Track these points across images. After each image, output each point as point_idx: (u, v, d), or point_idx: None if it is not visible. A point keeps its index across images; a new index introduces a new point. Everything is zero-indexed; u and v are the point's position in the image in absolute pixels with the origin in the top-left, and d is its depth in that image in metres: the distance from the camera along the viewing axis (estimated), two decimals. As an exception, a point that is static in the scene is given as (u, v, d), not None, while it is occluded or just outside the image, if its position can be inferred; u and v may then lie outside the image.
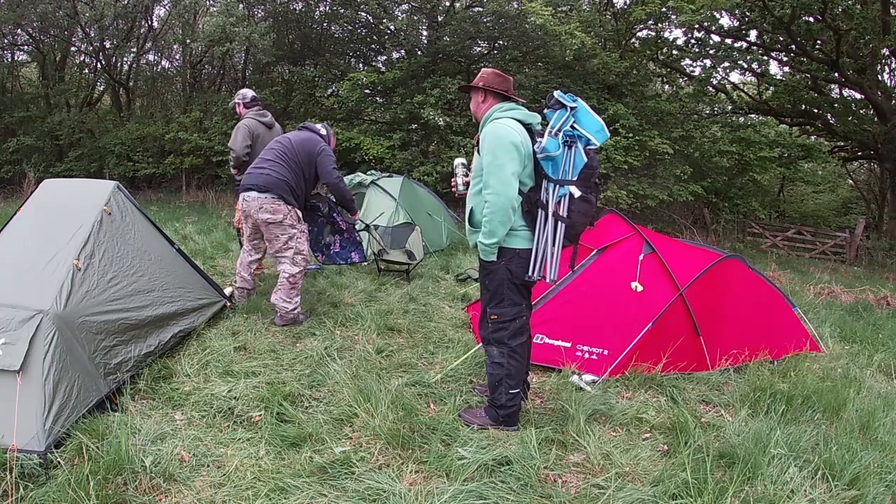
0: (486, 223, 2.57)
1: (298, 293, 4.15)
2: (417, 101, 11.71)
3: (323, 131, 4.36)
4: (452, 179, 2.97)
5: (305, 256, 4.13)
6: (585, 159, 2.58)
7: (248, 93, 5.18)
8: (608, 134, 2.71)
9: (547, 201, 2.58)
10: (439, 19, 14.16)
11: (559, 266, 2.61)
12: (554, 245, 2.58)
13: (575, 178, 2.57)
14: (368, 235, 6.18)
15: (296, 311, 4.13)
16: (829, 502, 2.32)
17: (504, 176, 2.52)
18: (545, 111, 2.74)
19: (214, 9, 12.75)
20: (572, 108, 2.62)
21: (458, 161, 2.95)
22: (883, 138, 13.95)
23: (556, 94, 2.68)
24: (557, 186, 2.57)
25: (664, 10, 11.34)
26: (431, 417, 2.80)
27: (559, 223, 2.57)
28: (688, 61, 15.23)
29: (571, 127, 2.60)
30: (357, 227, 4.91)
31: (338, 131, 12.06)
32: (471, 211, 2.76)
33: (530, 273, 2.62)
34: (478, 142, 2.75)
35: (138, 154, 14.12)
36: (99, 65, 16.21)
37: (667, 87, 17.10)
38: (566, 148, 2.57)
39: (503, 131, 2.58)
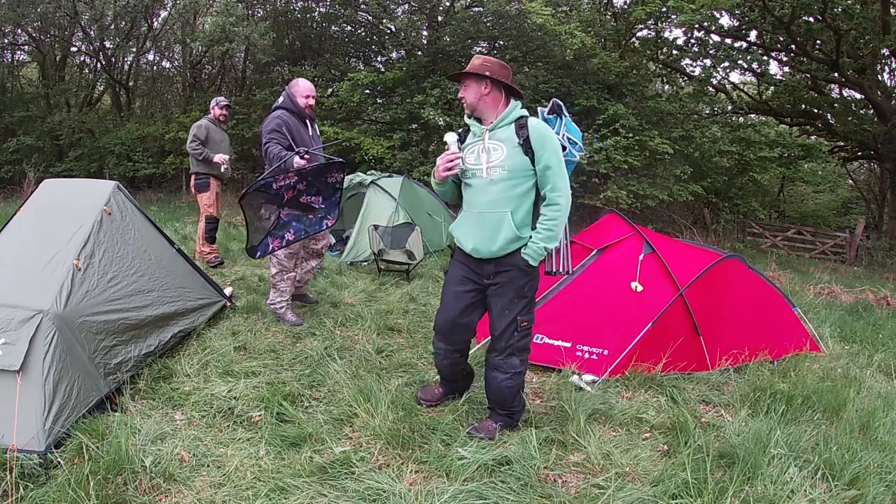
0: (553, 226, 2.51)
1: (280, 293, 4.15)
2: (417, 102, 11.72)
3: (280, 99, 4.09)
4: (454, 152, 2.69)
5: (280, 259, 4.08)
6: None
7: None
8: None
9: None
10: (439, 19, 14.17)
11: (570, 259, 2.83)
12: (567, 240, 2.78)
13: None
14: (369, 235, 6.18)
15: (281, 310, 4.17)
16: (829, 502, 2.32)
17: (567, 178, 2.57)
18: (547, 117, 2.82)
19: (214, 8, 12.74)
20: (564, 117, 2.81)
21: (454, 138, 2.68)
22: (883, 138, 13.95)
23: (557, 101, 2.80)
24: None
25: (664, 9, 11.35)
26: (431, 417, 2.80)
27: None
28: (688, 61, 15.25)
29: (563, 135, 2.78)
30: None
31: (338, 131, 12.06)
32: (510, 213, 2.54)
33: (559, 268, 2.76)
34: (461, 132, 2.72)
35: (138, 154, 14.12)
36: (99, 65, 16.22)
37: (667, 87, 17.11)
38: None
39: (553, 133, 2.59)
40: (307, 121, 4.11)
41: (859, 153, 16.79)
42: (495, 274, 2.62)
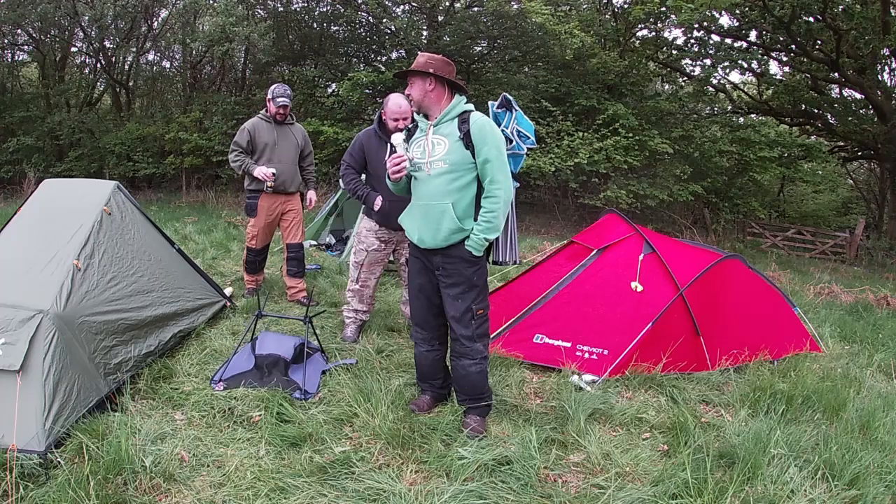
0: (493, 217, 2.58)
1: (348, 301, 4.03)
2: (417, 101, 11.69)
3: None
4: (399, 156, 2.67)
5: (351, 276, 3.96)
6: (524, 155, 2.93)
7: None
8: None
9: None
10: (439, 19, 14.17)
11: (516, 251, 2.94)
12: (514, 229, 2.90)
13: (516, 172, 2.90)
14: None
15: (347, 319, 4.03)
16: (829, 502, 2.32)
17: (508, 171, 2.64)
18: (496, 111, 2.94)
19: (214, 8, 12.74)
20: (514, 111, 2.92)
21: (400, 138, 2.68)
22: (883, 138, 13.94)
23: (506, 95, 2.96)
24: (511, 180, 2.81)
25: (663, 9, 11.36)
26: (431, 417, 2.81)
27: (513, 212, 2.87)
28: (687, 61, 15.24)
29: (514, 128, 2.90)
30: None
31: (337, 131, 12.05)
32: (451, 205, 2.60)
33: (514, 258, 2.88)
34: (409, 130, 2.80)
35: (138, 154, 14.12)
36: (99, 65, 16.22)
37: (667, 86, 17.11)
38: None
39: (496, 127, 2.67)
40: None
41: (859, 153, 16.79)
42: (443, 266, 2.71)
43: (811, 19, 13.98)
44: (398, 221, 2.90)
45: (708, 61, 14.54)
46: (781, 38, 14.80)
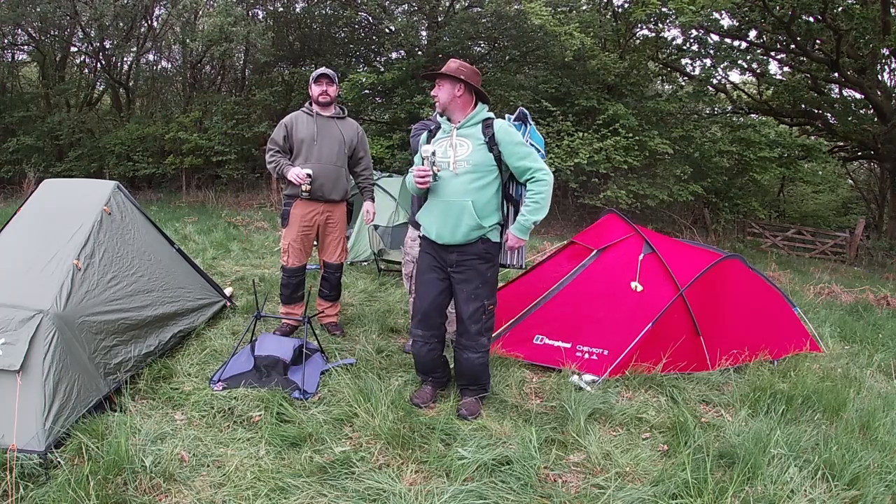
0: (540, 199, 2.72)
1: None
2: (417, 101, 11.71)
3: None
4: (425, 168, 2.76)
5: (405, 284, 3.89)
6: None
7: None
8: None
9: (520, 199, 2.89)
10: (439, 20, 14.17)
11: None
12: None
13: None
14: (369, 235, 6.18)
15: None
16: (829, 502, 2.32)
17: (540, 160, 2.80)
18: (514, 123, 3.06)
19: (213, 9, 12.74)
20: (529, 125, 3.07)
21: (430, 150, 2.75)
22: (883, 138, 13.94)
23: (523, 110, 3.10)
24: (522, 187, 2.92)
25: (664, 10, 11.35)
26: (431, 417, 2.81)
27: None
28: (687, 61, 15.24)
29: (527, 141, 3.02)
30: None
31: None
32: (471, 203, 2.71)
33: (521, 263, 3.00)
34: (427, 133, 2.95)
35: (138, 154, 14.13)
36: (99, 65, 16.23)
37: (667, 86, 17.11)
38: None
39: (516, 130, 2.85)
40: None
41: (859, 153, 16.78)
42: (458, 263, 2.80)
43: (811, 19, 13.97)
44: (416, 219, 3.00)
45: (708, 61, 14.55)
46: (781, 38, 14.80)
